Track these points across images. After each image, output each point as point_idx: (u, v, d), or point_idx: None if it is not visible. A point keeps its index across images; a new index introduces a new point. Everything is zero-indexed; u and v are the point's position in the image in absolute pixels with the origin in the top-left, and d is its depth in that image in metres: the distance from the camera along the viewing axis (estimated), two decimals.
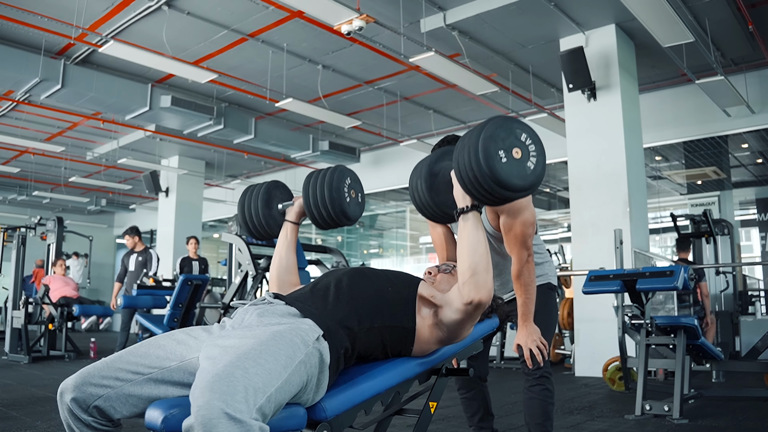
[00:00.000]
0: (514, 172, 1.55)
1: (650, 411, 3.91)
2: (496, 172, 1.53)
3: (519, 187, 1.57)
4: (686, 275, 3.77)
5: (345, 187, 1.97)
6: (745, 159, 9.75)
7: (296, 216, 2.08)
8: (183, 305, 7.08)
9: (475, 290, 1.63)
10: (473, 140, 1.57)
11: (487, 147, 1.53)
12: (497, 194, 1.57)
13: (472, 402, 2.64)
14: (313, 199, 1.96)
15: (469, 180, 1.58)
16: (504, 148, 1.55)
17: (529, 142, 1.60)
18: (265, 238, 2.19)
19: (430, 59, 6.17)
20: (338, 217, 1.97)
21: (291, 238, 2.08)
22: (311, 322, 1.53)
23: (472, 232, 1.66)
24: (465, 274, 1.65)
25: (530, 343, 2.27)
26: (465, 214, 1.69)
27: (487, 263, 1.65)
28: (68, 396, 1.39)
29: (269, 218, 2.12)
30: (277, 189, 2.17)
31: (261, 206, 2.11)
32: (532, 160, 1.59)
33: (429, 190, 1.80)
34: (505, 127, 1.57)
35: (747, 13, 6.12)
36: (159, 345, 1.49)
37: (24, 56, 7.00)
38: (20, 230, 8.05)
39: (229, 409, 1.15)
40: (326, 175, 1.97)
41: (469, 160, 1.56)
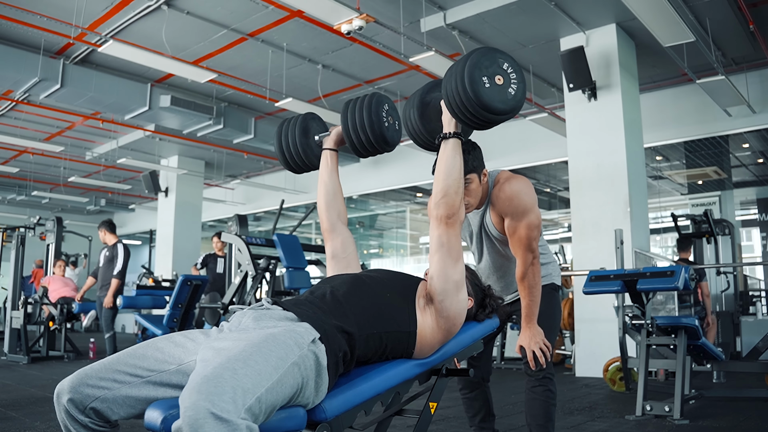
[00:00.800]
0: (497, 97, 1.70)
1: (651, 411, 3.90)
2: (480, 96, 1.67)
3: (501, 110, 1.71)
4: (687, 275, 3.76)
5: (383, 112, 2.02)
6: (746, 159, 9.74)
7: (335, 143, 2.14)
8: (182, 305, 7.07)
9: (445, 207, 1.75)
10: (460, 68, 1.71)
11: (472, 73, 1.68)
12: (482, 117, 1.72)
13: (474, 402, 2.63)
14: (351, 123, 2.00)
15: (456, 104, 1.73)
16: (487, 75, 1.70)
17: (510, 71, 1.74)
18: (301, 169, 2.21)
19: (431, 59, 6.15)
20: (377, 141, 2.01)
21: (332, 164, 2.13)
22: (307, 326, 1.53)
23: (450, 157, 1.78)
24: (438, 195, 1.77)
25: (533, 345, 2.27)
26: (446, 140, 1.81)
27: (458, 187, 1.77)
28: (65, 397, 1.39)
29: (306, 147, 2.16)
30: (314, 120, 2.21)
31: (299, 135, 2.15)
32: (513, 87, 1.73)
33: (420, 117, 1.93)
34: (489, 56, 1.72)
35: (748, 12, 6.11)
36: (157, 347, 1.49)
37: (23, 56, 6.99)
38: (19, 230, 8.05)
39: (216, 409, 1.16)
40: (365, 100, 2.02)
41: (456, 86, 1.70)
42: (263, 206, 13.55)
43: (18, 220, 12.04)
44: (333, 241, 2.09)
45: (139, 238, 17.56)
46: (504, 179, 2.33)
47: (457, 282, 1.76)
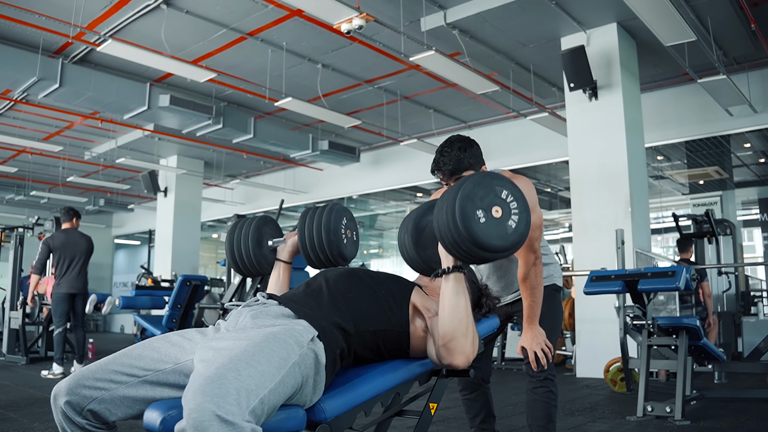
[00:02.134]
0: (494, 233, 1.52)
1: (652, 412, 3.89)
2: (473, 234, 1.49)
3: (499, 248, 1.53)
4: (688, 276, 3.75)
5: (342, 228, 1.95)
6: (748, 159, 9.72)
7: (289, 255, 2.06)
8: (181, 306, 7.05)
9: (449, 356, 1.63)
10: (450, 200, 1.53)
11: (464, 207, 1.50)
12: (476, 255, 1.54)
13: (474, 403, 2.62)
14: (309, 241, 1.94)
15: (448, 241, 1.55)
16: (482, 207, 1.51)
17: (510, 199, 1.56)
18: (254, 275, 2.15)
19: (431, 58, 6.13)
20: (335, 259, 1.95)
21: (284, 279, 2.05)
22: (305, 323, 1.53)
23: (452, 297, 1.64)
24: (442, 339, 1.64)
25: (535, 345, 2.26)
26: (447, 275, 1.66)
27: (465, 328, 1.63)
28: (62, 399, 1.38)
29: (260, 257, 2.06)
30: (267, 225, 2.11)
31: (252, 246, 2.05)
32: (514, 219, 1.55)
33: (415, 245, 1.79)
34: (484, 185, 1.54)
35: (749, 11, 6.10)
36: (153, 347, 1.49)
37: (21, 55, 6.96)
38: (18, 230, 8.03)
39: (221, 411, 1.15)
40: (323, 217, 1.94)
41: (447, 221, 1.53)
42: (263, 206, 13.53)
43: (16, 220, 12.02)
44: None
45: (138, 238, 17.54)
46: None
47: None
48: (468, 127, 9.94)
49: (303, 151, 10.21)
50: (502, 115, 9.45)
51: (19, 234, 7.90)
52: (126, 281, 16.61)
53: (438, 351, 1.65)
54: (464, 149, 2.18)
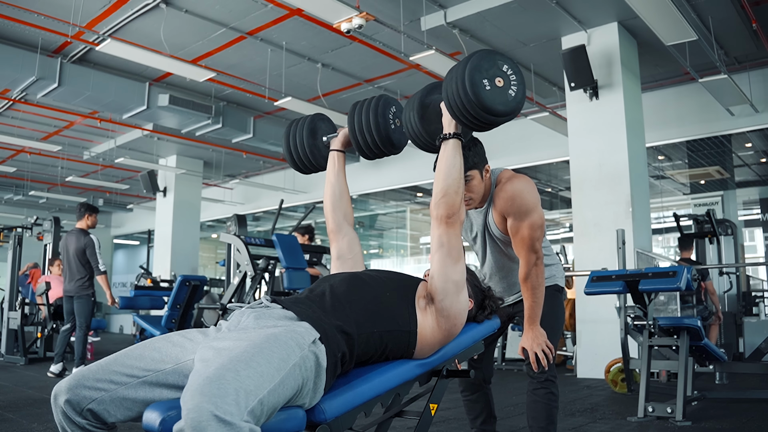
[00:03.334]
0: (497, 99, 1.70)
1: (653, 413, 3.87)
2: (481, 99, 1.68)
3: (502, 112, 1.72)
4: (689, 276, 3.74)
5: (390, 114, 2.03)
6: (749, 158, 9.71)
7: (342, 144, 2.15)
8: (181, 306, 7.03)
9: (445, 207, 1.75)
10: (460, 71, 1.72)
11: (473, 76, 1.68)
12: (483, 119, 1.72)
13: (475, 404, 2.62)
14: (358, 125, 2.02)
15: (457, 107, 1.73)
16: (488, 77, 1.70)
17: (510, 72, 1.75)
18: (309, 169, 2.24)
19: (431, 58, 6.13)
20: (384, 144, 2.03)
21: (339, 165, 2.15)
22: (307, 325, 1.52)
23: (450, 157, 1.79)
24: (437, 195, 1.77)
25: (536, 346, 2.25)
26: (446, 140, 1.81)
27: (458, 187, 1.77)
28: (62, 399, 1.38)
29: (314, 148, 2.18)
30: (322, 121, 2.23)
31: (306, 136, 2.17)
32: (513, 88, 1.74)
33: (420, 119, 1.91)
34: (489, 59, 1.73)
35: (750, 11, 6.08)
36: (154, 347, 1.48)
37: (20, 54, 6.95)
38: (16, 230, 8.00)
39: (219, 411, 1.15)
40: (371, 102, 2.03)
41: (457, 89, 1.71)
42: (262, 206, 13.52)
43: (15, 220, 11.96)
44: (339, 242, 2.10)
45: (137, 238, 17.52)
46: (506, 179, 2.32)
47: (457, 282, 1.76)
48: None
49: None
50: None
51: (17, 234, 7.88)
52: (125, 281, 16.59)
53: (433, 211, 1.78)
54: (468, 148, 2.19)
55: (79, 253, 6.12)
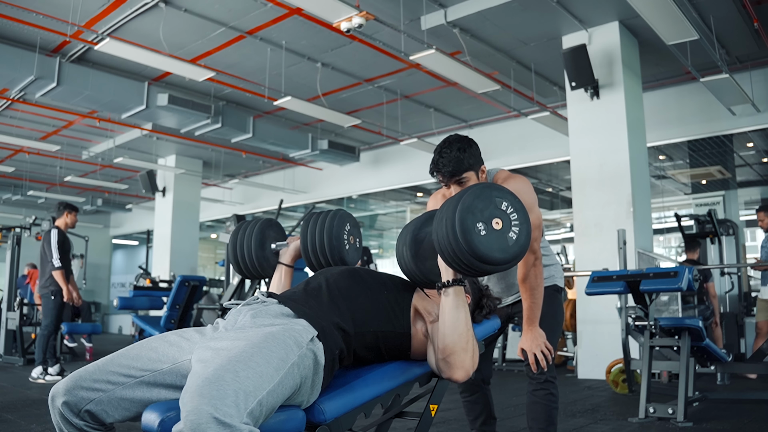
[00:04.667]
0: (494, 246, 1.51)
1: (654, 414, 3.87)
2: (474, 247, 1.48)
3: (500, 261, 1.53)
4: (690, 276, 3.74)
5: (345, 234, 1.96)
6: (750, 158, 9.68)
7: (291, 259, 2.07)
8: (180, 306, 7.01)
9: (449, 370, 1.62)
10: (450, 212, 1.52)
11: (464, 220, 1.49)
12: (477, 268, 1.53)
13: (474, 405, 2.61)
14: (311, 245, 1.95)
15: (448, 254, 1.54)
16: (483, 219, 1.51)
17: (510, 210, 1.56)
18: (256, 278, 2.16)
19: (431, 57, 6.10)
20: (336, 264, 1.95)
21: (286, 281, 2.06)
22: (305, 323, 1.51)
23: (451, 311, 1.62)
24: (441, 352, 1.62)
25: (535, 347, 2.24)
26: (446, 289, 1.64)
27: (465, 342, 1.61)
28: (59, 400, 1.38)
29: (262, 260, 2.08)
30: (271, 228, 2.13)
31: (255, 248, 2.07)
32: (515, 230, 1.55)
33: (414, 257, 1.76)
34: (484, 197, 1.53)
35: (752, 10, 6.07)
36: (151, 347, 1.48)
37: (19, 54, 6.92)
38: (15, 230, 7.96)
39: (218, 413, 1.14)
40: (326, 222, 1.95)
41: (446, 234, 1.52)
42: (262, 206, 13.50)
43: (14, 220, 11.94)
44: None
45: (137, 239, 17.51)
46: (502, 179, 2.31)
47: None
48: (469, 126, 9.90)
49: (302, 150, 10.19)
50: (503, 115, 9.42)
51: (16, 234, 7.84)
52: (124, 282, 16.56)
53: (438, 363, 1.64)
54: (463, 149, 2.17)
55: (41, 250, 5.96)
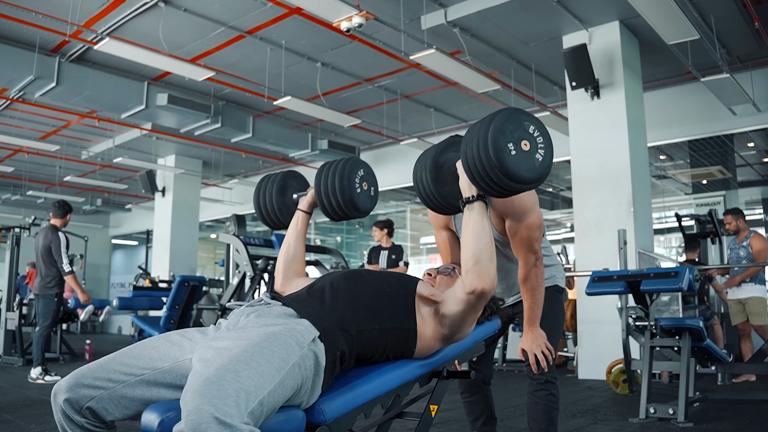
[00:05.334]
0: (523, 165, 1.59)
1: (654, 414, 3.86)
2: (505, 165, 1.56)
3: (528, 179, 1.60)
4: (691, 276, 3.74)
5: (356, 179, 1.99)
6: (751, 158, 9.68)
7: (308, 205, 2.11)
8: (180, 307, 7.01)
9: (478, 279, 1.63)
10: (482, 133, 1.59)
11: (497, 140, 1.56)
12: (507, 186, 1.60)
13: (475, 406, 2.60)
14: (324, 188, 1.98)
15: (477, 172, 1.61)
16: (513, 140, 1.58)
17: (537, 134, 1.63)
18: (277, 226, 2.21)
19: (431, 57, 6.09)
20: (347, 208, 1.98)
21: (301, 227, 2.10)
22: (307, 323, 1.51)
23: (477, 221, 1.68)
24: (468, 263, 1.65)
25: (535, 348, 2.23)
26: (471, 204, 1.70)
27: (491, 252, 1.65)
28: (61, 397, 1.38)
29: (282, 207, 2.15)
30: (294, 179, 2.21)
31: (276, 194, 2.15)
32: (540, 152, 1.62)
33: (434, 181, 1.80)
34: (514, 120, 1.61)
35: (753, 9, 6.06)
36: (153, 346, 1.49)
37: (18, 54, 6.92)
38: (14, 230, 7.95)
39: (219, 413, 1.14)
40: (338, 165, 1.99)
41: (479, 153, 1.59)
42: None
43: (13, 220, 11.93)
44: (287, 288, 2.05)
45: (136, 239, 17.50)
46: None
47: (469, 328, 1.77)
48: (469, 126, 9.83)
49: (302, 150, 10.18)
50: None
51: (15, 234, 7.83)
52: (123, 282, 16.54)
53: (464, 280, 1.66)
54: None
55: (45, 251, 5.92)
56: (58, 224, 6.06)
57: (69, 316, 7.99)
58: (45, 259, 5.94)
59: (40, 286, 5.98)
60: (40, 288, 5.98)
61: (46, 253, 5.92)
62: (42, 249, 5.93)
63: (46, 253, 5.92)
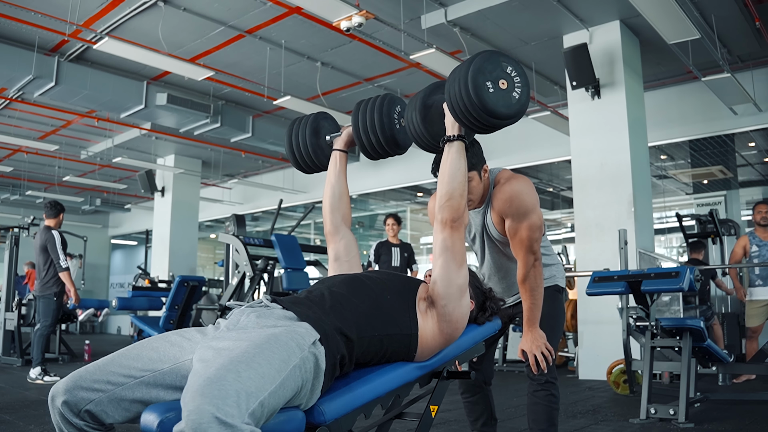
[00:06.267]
0: (501, 102, 1.69)
1: (655, 415, 3.85)
2: (484, 102, 1.66)
3: (505, 115, 1.70)
4: (692, 276, 3.73)
5: (395, 114, 2.00)
6: (752, 158, 9.66)
7: (344, 144, 2.12)
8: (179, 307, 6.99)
9: (450, 211, 1.76)
10: (463, 72, 1.69)
11: (476, 78, 1.66)
12: (486, 122, 1.71)
13: (475, 406, 2.60)
14: (362, 124, 1.99)
15: (459, 109, 1.71)
16: (491, 79, 1.68)
17: (514, 74, 1.73)
18: (312, 169, 2.20)
19: (431, 56, 6.09)
20: (388, 144, 2.00)
21: (341, 166, 2.12)
22: (308, 326, 1.50)
23: (454, 160, 1.79)
24: (442, 198, 1.77)
25: (535, 349, 2.23)
26: (450, 142, 1.81)
27: (463, 190, 1.78)
28: (59, 400, 1.37)
29: (317, 149, 2.15)
30: (326, 120, 2.20)
31: (309, 135, 2.14)
32: (517, 91, 1.72)
33: (423, 121, 1.88)
34: (492, 60, 1.70)
35: (754, 9, 6.05)
36: (152, 347, 1.47)
37: (17, 53, 6.91)
38: (13, 230, 7.93)
39: (220, 413, 1.13)
40: (376, 101, 2.00)
41: (459, 91, 1.69)
42: (261, 206, 13.48)
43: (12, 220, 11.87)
44: (336, 243, 2.08)
45: (135, 239, 17.47)
46: (504, 179, 2.30)
47: (461, 286, 1.75)
48: None
49: None
50: None
51: (14, 234, 7.81)
52: (123, 282, 16.53)
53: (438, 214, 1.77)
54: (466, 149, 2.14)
55: (41, 251, 5.94)
56: (52, 224, 6.06)
57: (68, 316, 7.98)
58: (41, 259, 5.96)
59: (39, 287, 6.02)
60: (39, 288, 6.01)
61: (42, 253, 5.94)
62: (38, 249, 5.96)
63: (42, 253, 5.94)
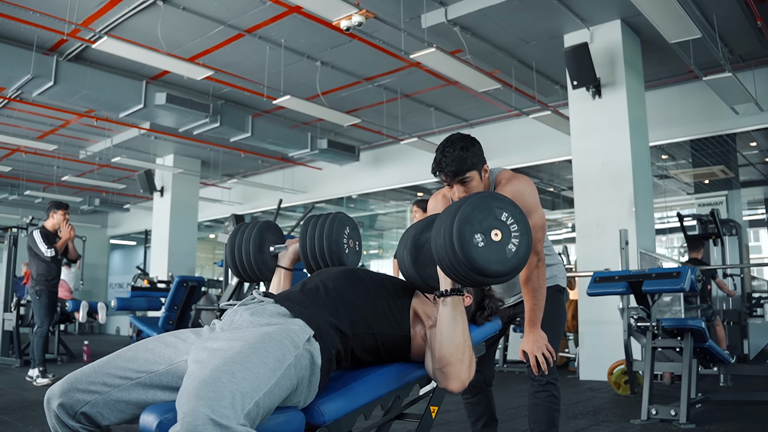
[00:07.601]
0: (492, 258, 1.48)
1: (656, 415, 3.84)
2: (471, 259, 1.45)
3: (498, 273, 1.49)
4: (693, 276, 3.73)
5: (344, 238, 1.94)
6: (754, 157, 9.66)
7: (291, 262, 2.05)
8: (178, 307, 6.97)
9: (444, 380, 1.59)
10: (448, 222, 1.49)
11: (462, 231, 1.46)
12: (474, 280, 1.51)
13: (476, 407, 2.59)
14: (311, 249, 1.93)
15: (446, 264, 1.52)
16: (481, 231, 1.48)
17: (510, 221, 1.52)
18: (255, 281, 2.14)
19: (431, 56, 6.07)
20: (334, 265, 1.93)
21: (285, 285, 2.04)
22: (302, 323, 1.49)
23: (449, 323, 1.59)
24: (438, 362, 1.59)
25: (536, 350, 2.22)
26: (444, 298, 1.61)
27: (462, 354, 1.57)
28: (55, 402, 1.37)
29: (261, 263, 2.05)
30: (269, 231, 2.11)
31: (253, 251, 2.04)
32: (514, 242, 1.52)
33: (414, 263, 1.73)
34: (483, 207, 1.50)
35: (755, 8, 6.04)
36: (147, 348, 1.47)
37: (15, 52, 6.89)
38: (11, 230, 7.91)
39: (215, 415, 1.13)
40: (325, 225, 1.93)
41: (444, 244, 1.49)
42: (261, 206, 13.47)
43: (10, 220, 11.88)
44: None
45: (134, 239, 17.46)
46: (506, 179, 2.29)
47: None
48: (469, 125, 9.87)
49: (302, 150, 10.15)
50: (504, 114, 9.38)
51: (12, 234, 7.79)
52: (122, 282, 16.51)
53: (434, 372, 1.62)
54: (466, 148, 2.14)
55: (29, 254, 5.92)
56: (48, 226, 5.99)
57: (67, 317, 7.95)
58: (30, 261, 5.94)
59: (29, 288, 6.01)
60: (29, 289, 6.01)
61: (30, 256, 5.92)
62: (28, 254, 5.95)
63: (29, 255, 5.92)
